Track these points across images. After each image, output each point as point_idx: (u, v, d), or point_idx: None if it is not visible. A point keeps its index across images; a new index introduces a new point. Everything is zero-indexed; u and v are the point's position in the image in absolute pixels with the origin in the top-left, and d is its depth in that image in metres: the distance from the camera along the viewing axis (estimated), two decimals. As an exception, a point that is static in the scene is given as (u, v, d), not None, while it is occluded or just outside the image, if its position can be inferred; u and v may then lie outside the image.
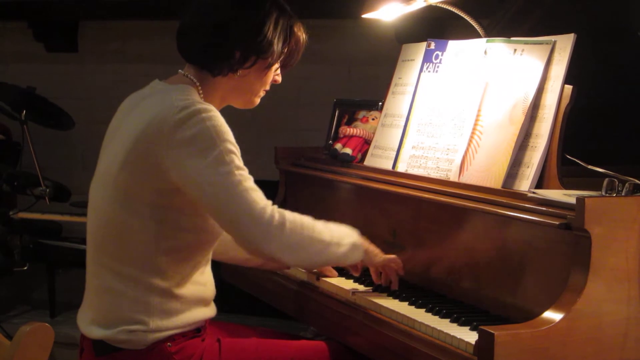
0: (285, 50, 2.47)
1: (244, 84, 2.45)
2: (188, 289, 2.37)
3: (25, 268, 4.80)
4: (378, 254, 2.55)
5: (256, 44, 2.38)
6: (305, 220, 2.36)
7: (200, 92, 2.40)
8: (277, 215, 2.29)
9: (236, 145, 2.30)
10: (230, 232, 2.32)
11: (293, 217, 2.33)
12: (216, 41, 2.37)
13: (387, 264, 2.55)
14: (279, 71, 2.52)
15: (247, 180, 2.28)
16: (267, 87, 2.52)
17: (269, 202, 2.30)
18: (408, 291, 2.50)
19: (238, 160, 2.28)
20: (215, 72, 2.40)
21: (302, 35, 2.51)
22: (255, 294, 3.06)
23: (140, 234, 2.30)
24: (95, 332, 2.35)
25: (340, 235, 2.43)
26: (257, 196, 2.28)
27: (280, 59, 2.47)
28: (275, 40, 2.41)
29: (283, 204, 3.31)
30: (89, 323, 2.37)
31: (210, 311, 2.46)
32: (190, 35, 2.41)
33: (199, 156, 2.23)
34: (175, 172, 2.25)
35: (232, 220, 2.27)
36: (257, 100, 2.52)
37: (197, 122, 2.24)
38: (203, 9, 2.41)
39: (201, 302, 2.42)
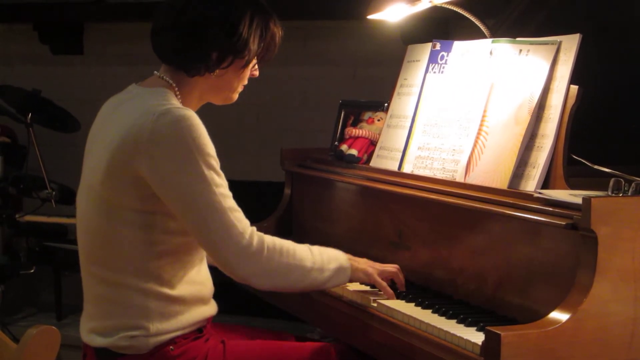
0: (262, 45, 2.42)
1: (221, 82, 2.41)
2: (185, 290, 2.35)
3: (32, 271, 4.81)
4: (373, 267, 2.50)
5: (232, 44, 2.34)
6: (286, 245, 2.32)
7: (178, 93, 2.37)
8: (255, 240, 2.26)
9: (215, 156, 2.26)
10: (207, 252, 2.31)
11: (273, 243, 2.29)
12: (191, 43, 2.33)
13: (384, 273, 2.51)
14: (256, 66, 2.48)
15: (226, 200, 2.25)
16: (245, 82, 2.48)
17: (248, 225, 2.27)
18: (415, 292, 2.49)
19: (217, 177, 2.25)
20: (192, 72, 2.36)
21: (278, 30, 2.45)
22: (261, 295, 3.06)
23: (130, 242, 2.28)
24: (97, 340, 2.34)
25: (324, 261, 2.39)
26: (236, 217, 2.25)
27: (257, 54, 2.43)
28: (252, 39, 2.37)
29: (289, 206, 3.32)
30: (90, 332, 2.36)
31: (210, 309, 2.45)
32: (164, 36, 2.37)
33: (178, 172, 2.21)
34: (154, 183, 2.23)
35: (210, 241, 2.25)
36: (236, 96, 2.49)
37: (176, 131, 2.21)
38: (176, 9, 2.36)
39: (200, 301, 2.40)
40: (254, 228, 2.29)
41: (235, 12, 2.34)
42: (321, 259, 2.38)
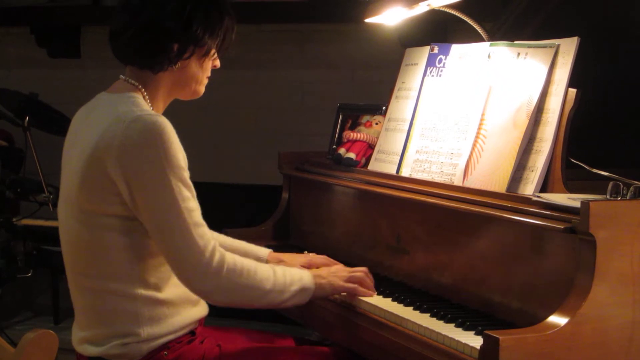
0: (220, 32, 2.41)
1: (185, 74, 2.40)
2: (172, 292, 2.34)
3: (29, 274, 4.80)
4: (339, 278, 2.48)
5: (191, 34, 2.34)
6: (247, 265, 2.31)
7: (145, 95, 2.37)
8: (216, 258, 2.25)
9: (185, 166, 2.26)
10: (168, 262, 2.29)
11: (233, 262, 2.28)
12: (150, 37, 2.32)
13: (352, 280, 2.49)
14: (216, 55, 2.46)
15: (192, 214, 2.24)
16: (209, 74, 2.47)
17: (210, 241, 2.26)
18: (413, 296, 2.49)
19: (185, 189, 2.24)
20: (156, 68, 2.36)
21: (230, 16, 2.44)
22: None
23: (112, 248, 2.27)
24: (89, 350, 2.33)
25: (286, 282, 2.36)
26: (199, 234, 2.24)
27: (216, 43, 2.42)
28: (209, 26, 2.37)
29: (287, 209, 3.32)
30: (82, 342, 2.36)
31: (200, 310, 2.43)
32: (123, 36, 2.37)
33: (146, 182, 2.21)
34: (123, 188, 2.22)
35: (170, 253, 2.25)
36: (202, 89, 2.47)
37: (146, 139, 2.20)
38: (130, 8, 2.36)
39: (188, 302, 2.38)
40: (217, 244, 2.27)
41: (190, 1, 2.34)
42: (284, 280, 2.36)
